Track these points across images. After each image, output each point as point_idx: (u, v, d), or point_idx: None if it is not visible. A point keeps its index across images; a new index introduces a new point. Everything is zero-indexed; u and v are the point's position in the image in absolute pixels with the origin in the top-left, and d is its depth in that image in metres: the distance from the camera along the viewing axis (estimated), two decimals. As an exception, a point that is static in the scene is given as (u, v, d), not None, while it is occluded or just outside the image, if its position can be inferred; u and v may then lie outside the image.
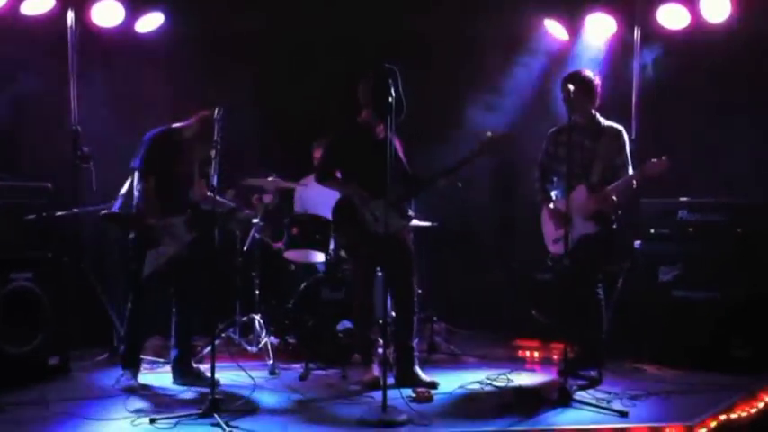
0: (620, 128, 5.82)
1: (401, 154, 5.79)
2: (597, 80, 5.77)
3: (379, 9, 7.32)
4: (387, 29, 7.39)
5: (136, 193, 5.48)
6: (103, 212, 5.62)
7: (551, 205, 5.89)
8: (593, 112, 5.80)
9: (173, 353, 5.74)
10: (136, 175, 5.48)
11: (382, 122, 5.53)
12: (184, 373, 5.69)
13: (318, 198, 6.69)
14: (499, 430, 4.79)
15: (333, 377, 5.96)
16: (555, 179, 5.97)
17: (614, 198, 5.64)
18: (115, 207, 5.60)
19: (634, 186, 5.69)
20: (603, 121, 5.81)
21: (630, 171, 5.70)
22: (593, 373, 5.71)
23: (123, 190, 5.61)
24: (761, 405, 5.12)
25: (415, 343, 5.84)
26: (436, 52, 7.51)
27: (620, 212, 5.77)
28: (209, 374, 5.07)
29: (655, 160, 5.46)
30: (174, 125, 5.62)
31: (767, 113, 6.69)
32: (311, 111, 7.25)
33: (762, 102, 6.70)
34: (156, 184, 5.44)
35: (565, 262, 5.44)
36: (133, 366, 5.62)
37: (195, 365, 5.77)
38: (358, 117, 5.83)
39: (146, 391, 5.49)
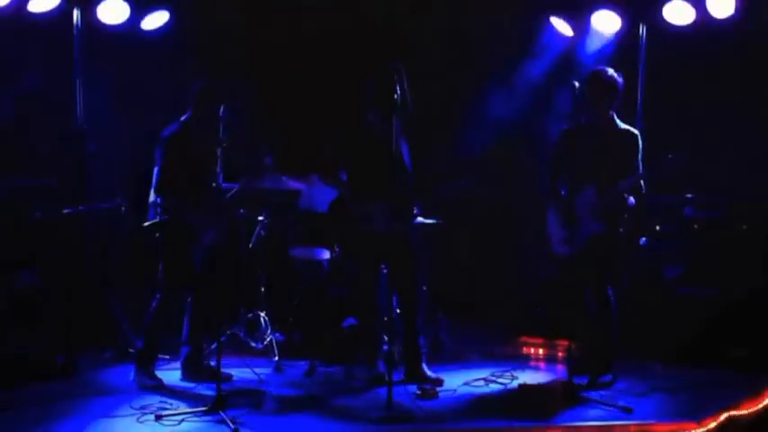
0: (636, 132, 5.68)
1: (405, 154, 5.77)
2: (621, 80, 5.62)
3: (382, 5, 7.33)
4: (389, 26, 7.39)
5: (154, 196, 5.50)
6: (145, 224, 5.58)
7: (560, 204, 5.76)
8: (611, 113, 5.65)
9: (183, 349, 5.74)
10: (155, 171, 5.49)
11: (388, 121, 5.51)
12: (195, 371, 5.69)
13: (323, 195, 6.69)
14: (504, 427, 4.80)
15: (338, 374, 5.96)
16: (565, 178, 5.79)
17: (624, 197, 5.56)
18: (151, 217, 5.57)
19: (642, 185, 5.59)
20: (620, 124, 5.68)
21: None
22: (608, 379, 5.64)
23: (151, 198, 5.60)
24: (766, 402, 5.10)
25: (421, 340, 5.84)
26: (440, 49, 7.51)
27: (630, 211, 5.69)
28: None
29: (670, 156, 5.37)
30: (183, 118, 5.64)
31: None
32: (316, 108, 7.26)
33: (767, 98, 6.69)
34: (176, 176, 5.44)
35: (570, 262, 5.40)
36: (152, 363, 5.62)
37: (206, 363, 5.77)
38: (366, 114, 5.82)
39: (156, 388, 5.49)
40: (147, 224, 5.57)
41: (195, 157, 5.54)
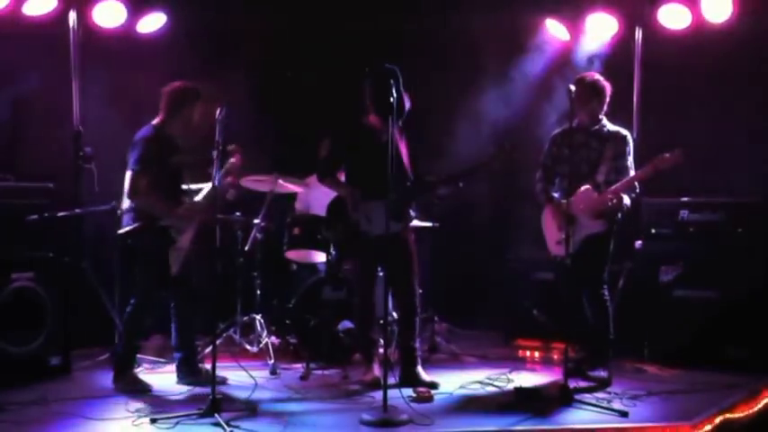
0: (626, 132, 5.82)
1: (405, 156, 5.76)
2: (608, 86, 5.78)
3: (379, 7, 7.34)
4: (387, 28, 7.40)
5: (129, 200, 5.48)
6: (120, 232, 5.58)
7: (555, 206, 5.86)
8: (601, 116, 5.80)
9: (176, 354, 5.73)
10: (128, 175, 5.46)
11: (385, 124, 5.52)
12: (190, 373, 5.69)
13: (321, 198, 6.69)
14: (500, 430, 4.79)
15: (334, 377, 5.97)
16: (557, 180, 5.94)
17: (621, 196, 5.63)
18: (126, 223, 5.56)
19: (636, 185, 5.68)
20: (610, 126, 5.81)
21: (632, 173, 5.69)
22: (603, 374, 5.71)
23: (125, 204, 5.59)
24: (761, 404, 5.11)
25: (417, 343, 5.84)
26: (437, 52, 7.52)
27: (625, 211, 5.74)
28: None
29: (668, 155, 5.43)
30: (155, 121, 5.61)
31: (767, 113, 6.69)
32: (314, 110, 7.27)
33: (762, 101, 6.70)
34: (152, 180, 5.42)
35: (567, 262, 5.44)
36: (131, 367, 5.63)
37: (201, 365, 5.77)
38: (364, 117, 5.81)
39: (137, 392, 5.48)
40: (121, 231, 5.55)
41: (169, 160, 5.53)
